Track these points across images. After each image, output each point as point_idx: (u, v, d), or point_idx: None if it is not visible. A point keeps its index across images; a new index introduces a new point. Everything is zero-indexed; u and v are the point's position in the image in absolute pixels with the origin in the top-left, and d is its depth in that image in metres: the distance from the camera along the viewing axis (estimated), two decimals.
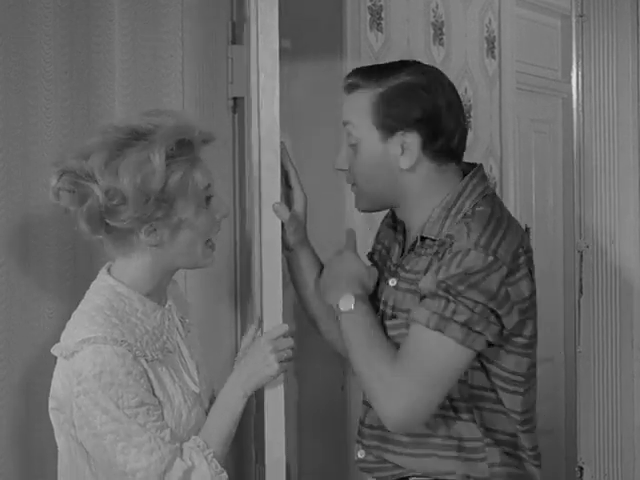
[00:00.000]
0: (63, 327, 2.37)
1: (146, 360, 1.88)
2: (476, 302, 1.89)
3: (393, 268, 2.10)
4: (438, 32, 3.88)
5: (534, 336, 2.03)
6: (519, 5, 4.56)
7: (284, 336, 2.00)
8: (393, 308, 2.05)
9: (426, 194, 2.03)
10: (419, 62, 2.10)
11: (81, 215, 1.88)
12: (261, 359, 1.98)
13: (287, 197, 2.17)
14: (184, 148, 1.88)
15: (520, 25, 4.59)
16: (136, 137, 1.87)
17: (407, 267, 2.05)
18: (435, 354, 1.90)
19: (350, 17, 3.26)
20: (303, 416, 2.06)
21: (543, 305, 2.08)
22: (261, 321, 2.03)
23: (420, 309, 1.92)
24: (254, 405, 2.17)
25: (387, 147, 2.02)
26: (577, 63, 2.92)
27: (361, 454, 2.10)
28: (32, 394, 2.32)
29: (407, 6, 3.69)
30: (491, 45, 4.26)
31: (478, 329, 1.89)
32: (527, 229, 4.79)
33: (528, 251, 2.00)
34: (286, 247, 2.16)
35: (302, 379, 2.04)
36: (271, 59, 2.03)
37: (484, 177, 2.07)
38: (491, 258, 1.90)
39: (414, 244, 2.04)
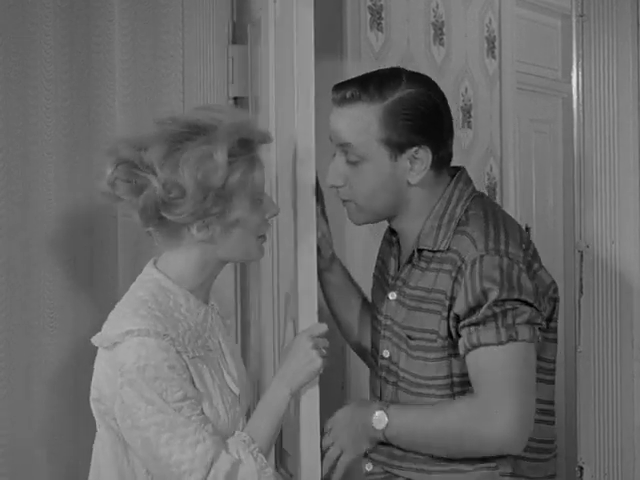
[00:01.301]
0: (63, 327, 2.38)
1: (187, 356, 1.86)
2: (521, 301, 1.88)
3: (392, 281, 2.06)
4: (438, 32, 3.88)
5: (557, 320, 2.04)
6: (519, 5, 4.56)
7: (322, 336, 1.98)
8: (402, 327, 2.01)
9: (423, 202, 2.00)
10: (404, 69, 2.01)
11: (136, 206, 1.84)
12: (303, 355, 1.95)
13: None
14: (245, 147, 1.86)
15: (520, 25, 4.59)
16: (197, 131, 1.84)
17: (411, 283, 2.01)
18: (516, 363, 1.88)
19: (350, 17, 3.26)
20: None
21: None
22: (295, 321, 2.02)
23: (482, 333, 1.88)
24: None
25: (396, 164, 1.96)
26: (577, 63, 2.91)
27: (369, 467, 2.07)
28: (32, 393, 2.32)
29: (407, 6, 3.69)
30: (491, 45, 4.26)
31: (538, 321, 1.91)
32: (527, 229, 4.78)
33: (530, 240, 2.01)
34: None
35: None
36: (307, 58, 2.00)
37: (469, 180, 2.05)
38: (506, 260, 1.90)
39: (412, 257, 2.01)
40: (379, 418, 1.97)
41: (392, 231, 2.12)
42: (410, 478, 2.01)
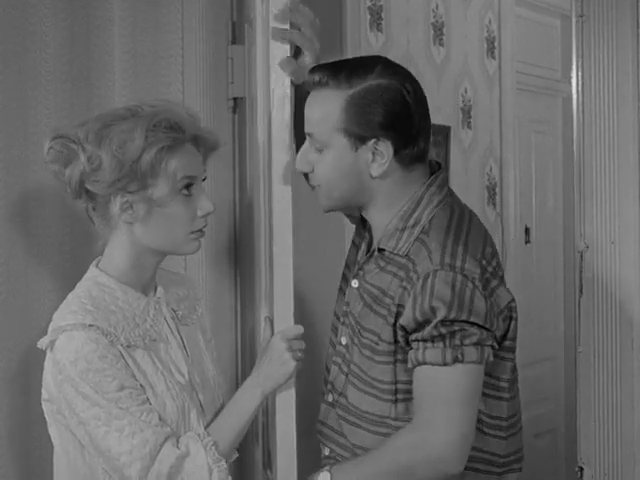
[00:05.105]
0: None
1: (122, 345, 1.88)
2: (472, 323, 1.84)
3: (356, 269, 2.04)
4: (438, 32, 3.89)
5: (515, 339, 1.99)
6: (519, 5, 4.56)
7: (297, 338, 1.98)
8: (356, 321, 1.99)
9: (393, 197, 1.97)
10: (388, 59, 1.97)
11: (64, 177, 1.92)
12: (277, 357, 1.96)
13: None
14: (170, 129, 1.90)
15: (520, 25, 4.59)
16: (133, 114, 1.91)
17: (368, 277, 1.99)
18: (462, 385, 1.85)
19: (350, 17, 3.26)
20: (303, 418, 2.05)
21: (544, 305, 2.08)
22: (272, 321, 2.01)
23: (428, 351, 1.85)
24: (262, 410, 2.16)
25: (357, 155, 1.92)
26: (577, 63, 2.92)
27: (326, 451, 2.06)
28: (30, 388, 2.32)
29: (407, 6, 3.69)
30: (491, 45, 4.26)
31: (488, 343, 1.87)
32: (527, 229, 4.79)
33: (495, 254, 1.95)
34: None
35: (302, 381, 2.03)
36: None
37: (443, 184, 2.00)
38: (460, 277, 1.84)
39: (373, 252, 1.99)
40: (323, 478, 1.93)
41: (364, 219, 2.08)
42: None
